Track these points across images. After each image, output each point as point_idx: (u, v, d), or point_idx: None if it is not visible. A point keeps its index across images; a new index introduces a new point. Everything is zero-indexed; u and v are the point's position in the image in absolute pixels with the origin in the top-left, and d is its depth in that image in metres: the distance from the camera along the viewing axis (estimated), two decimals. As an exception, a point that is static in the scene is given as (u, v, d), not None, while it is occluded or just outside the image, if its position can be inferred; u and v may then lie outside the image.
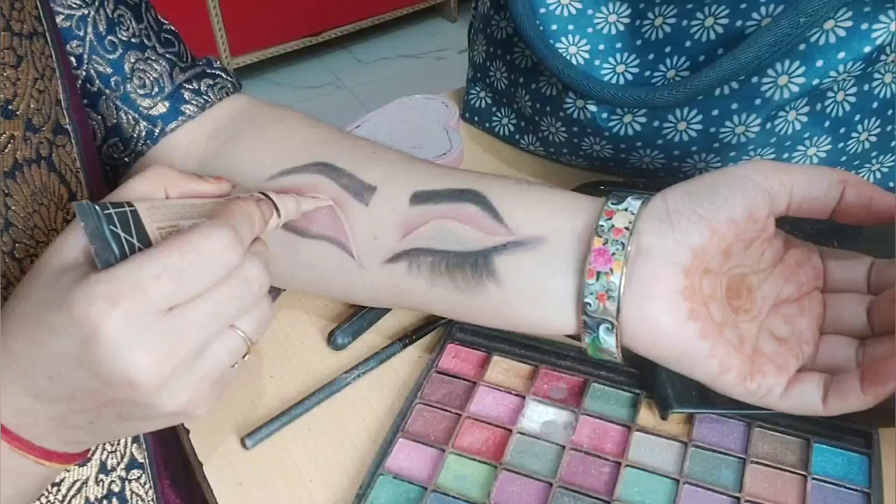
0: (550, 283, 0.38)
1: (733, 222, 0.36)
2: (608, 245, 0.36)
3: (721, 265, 0.37)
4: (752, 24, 0.47)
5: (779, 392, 0.37)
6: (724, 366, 0.36)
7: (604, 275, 0.36)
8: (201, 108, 0.48)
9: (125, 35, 0.45)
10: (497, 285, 0.39)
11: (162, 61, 0.47)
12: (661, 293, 0.36)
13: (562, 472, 0.41)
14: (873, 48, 0.45)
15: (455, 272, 0.40)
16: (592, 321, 0.37)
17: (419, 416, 0.45)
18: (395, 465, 0.42)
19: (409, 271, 0.41)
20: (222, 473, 0.43)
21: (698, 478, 0.40)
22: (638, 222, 0.37)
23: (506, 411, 0.45)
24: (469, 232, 0.40)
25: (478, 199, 0.40)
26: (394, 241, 0.41)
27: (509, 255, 0.39)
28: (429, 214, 0.41)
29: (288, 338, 0.51)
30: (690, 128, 0.50)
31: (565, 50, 0.53)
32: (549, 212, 0.39)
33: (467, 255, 0.39)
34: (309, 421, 0.46)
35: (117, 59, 0.45)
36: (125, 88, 0.45)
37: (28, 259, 0.38)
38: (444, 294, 0.40)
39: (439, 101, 0.68)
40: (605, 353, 0.38)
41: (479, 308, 0.40)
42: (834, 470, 0.40)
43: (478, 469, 0.42)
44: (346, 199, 0.42)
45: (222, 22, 2.20)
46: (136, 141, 0.46)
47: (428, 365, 0.47)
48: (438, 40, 2.57)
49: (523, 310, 0.39)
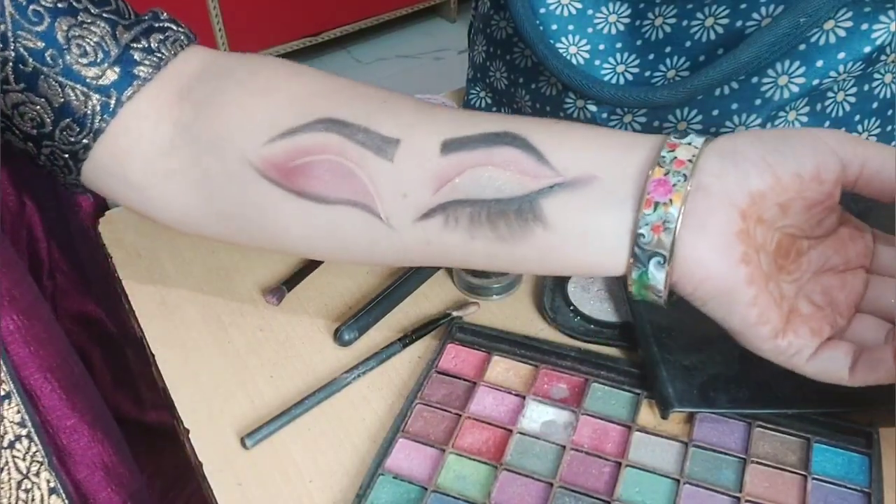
0: (603, 220, 0.36)
1: (798, 177, 0.35)
2: (669, 176, 0.35)
3: (776, 219, 0.36)
4: (753, 24, 0.47)
5: (807, 354, 0.37)
6: (763, 317, 0.36)
7: (662, 205, 0.34)
8: (156, 66, 0.42)
9: (50, 1, 0.40)
10: (545, 229, 0.36)
11: (100, 22, 0.41)
12: (717, 231, 0.35)
13: (562, 472, 0.41)
14: (873, 48, 0.45)
15: (497, 221, 0.37)
16: (644, 254, 0.35)
17: (419, 417, 0.45)
18: (396, 466, 0.42)
19: (445, 226, 0.38)
20: (222, 473, 0.43)
21: (699, 478, 0.40)
22: (700, 158, 0.35)
23: (506, 411, 0.45)
24: (511, 177, 0.37)
25: (517, 142, 0.37)
26: (426, 197, 0.38)
27: (557, 197, 0.36)
28: (463, 163, 0.37)
29: (288, 338, 0.51)
30: (690, 128, 0.50)
31: (565, 50, 0.53)
32: (599, 149, 0.37)
33: (510, 201, 0.36)
34: (309, 421, 0.46)
35: (47, 31, 0.40)
36: (65, 61, 0.40)
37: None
38: (484, 245, 0.38)
39: (440, 101, 0.68)
40: (651, 292, 0.36)
41: (522, 256, 0.38)
42: (834, 470, 0.40)
43: (478, 469, 0.42)
44: (366, 157, 0.38)
45: (222, 22, 2.20)
46: (90, 118, 0.41)
47: (428, 365, 0.47)
48: (437, 41, 2.57)
49: (572, 252, 0.37)
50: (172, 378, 0.49)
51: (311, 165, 0.39)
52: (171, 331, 0.52)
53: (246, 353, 0.50)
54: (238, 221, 0.42)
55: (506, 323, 0.50)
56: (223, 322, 0.52)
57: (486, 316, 0.51)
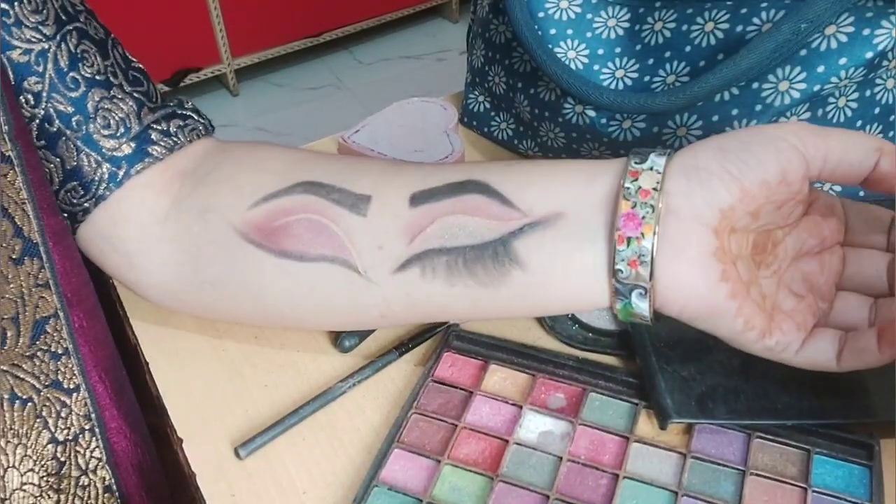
0: (578, 257, 0.36)
1: (765, 184, 0.35)
2: (637, 209, 0.35)
3: (748, 224, 0.37)
4: (753, 29, 0.46)
5: (795, 349, 0.37)
6: (749, 324, 0.36)
7: (635, 240, 0.35)
8: (170, 149, 0.45)
9: (89, 72, 0.43)
10: (522, 270, 0.37)
11: (129, 100, 0.44)
12: (693, 255, 0.35)
13: (559, 484, 0.40)
14: (875, 54, 0.44)
15: (475, 267, 0.38)
16: (625, 288, 0.36)
17: (415, 426, 0.44)
18: (391, 477, 0.42)
19: (423, 277, 0.39)
20: (215, 484, 0.43)
21: (697, 490, 0.40)
22: (665, 181, 0.35)
23: (503, 421, 0.44)
24: (480, 223, 0.38)
25: (481, 188, 0.38)
26: (401, 248, 0.39)
27: (529, 237, 0.37)
28: (433, 213, 0.39)
29: (283, 346, 0.51)
30: (690, 133, 0.50)
31: (564, 55, 0.52)
32: (560, 185, 0.38)
33: (484, 246, 0.37)
34: (303, 431, 0.45)
35: (80, 98, 0.42)
36: (87, 129, 0.42)
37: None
38: (465, 292, 0.38)
39: (438, 105, 0.68)
40: (637, 318, 0.37)
41: (505, 299, 0.38)
42: (835, 482, 0.40)
43: (474, 481, 0.41)
44: (340, 214, 0.40)
45: (223, 23, 2.20)
46: (97, 184, 0.43)
47: (424, 374, 0.47)
48: (439, 41, 2.57)
49: (553, 290, 0.37)
50: (166, 386, 0.49)
51: (290, 224, 0.41)
52: (165, 338, 0.52)
53: (241, 361, 0.50)
54: (224, 288, 0.44)
55: (503, 331, 0.50)
56: (218, 329, 0.52)
57: (483, 324, 0.51)
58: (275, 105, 2.33)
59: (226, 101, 2.34)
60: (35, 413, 0.39)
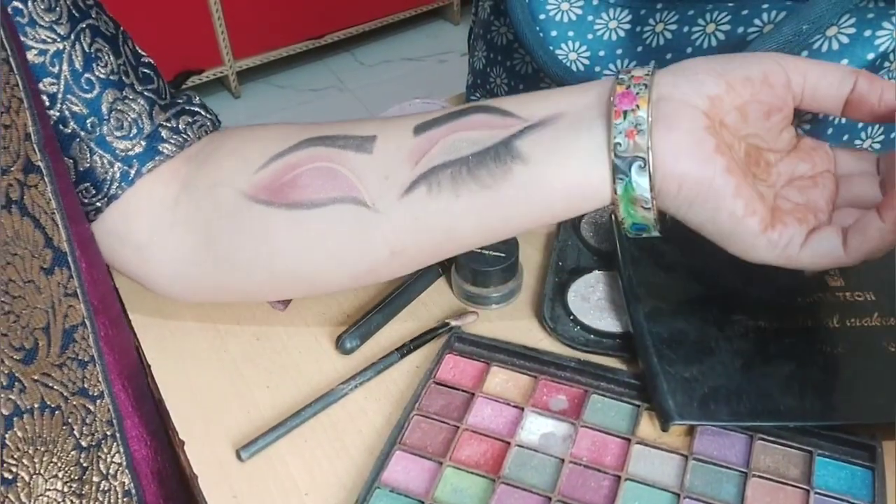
0: (577, 143, 0.38)
1: (748, 80, 0.37)
2: (631, 88, 0.37)
3: (738, 124, 0.38)
4: (754, 30, 0.46)
5: (799, 242, 0.38)
6: (749, 207, 0.37)
7: (631, 112, 0.36)
8: (180, 146, 0.46)
9: (103, 72, 0.43)
10: (524, 164, 0.38)
11: (140, 100, 0.44)
12: (686, 128, 0.36)
13: (560, 485, 0.40)
14: (876, 55, 0.44)
15: (478, 171, 0.39)
16: (624, 163, 0.37)
17: (417, 428, 0.44)
18: (392, 479, 0.42)
19: (429, 194, 0.39)
20: (217, 486, 0.43)
21: (699, 492, 0.40)
22: (654, 76, 0.38)
23: (504, 423, 0.44)
24: (483, 133, 0.39)
25: (482, 108, 0.40)
26: (406, 172, 0.40)
27: (530, 136, 0.38)
28: (436, 137, 0.40)
29: (285, 347, 0.51)
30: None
31: (565, 56, 0.52)
32: (558, 95, 0.40)
33: (486, 151, 0.39)
34: (305, 432, 0.45)
35: (94, 99, 0.42)
36: (101, 131, 0.43)
37: (5, 317, 0.36)
38: (471, 201, 0.39)
39: (439, 106, 0.68)
40: (640, 207, 0.38)
41: (510, 200, 0.39)
42: (837, 484, 0.40)
43: (475, 482, 0.41)
44: (347, 156, 0.41)
45: (225, 25, 2.20)
46: (109, 184, 0.44)
47: (426, 375, 0.47)
48: (441, 43, 2.57)
49: (555, 180, 0.38)
50: (168, 387, 0.49)
51: (297, 177, 0.41)
52: (166, 339, 0.52)
53: (242, 362, 0.50)
54: (236, 259, 0.44)
55: (505, 332, 0.50)
56: (219, 330, 0.52)
57: (484, 325, 0.51)
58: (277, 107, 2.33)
59: (228, 102, 2.34)
60: (62, 420, 0.39)
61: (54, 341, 0.39)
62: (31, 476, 0.37)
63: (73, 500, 0.39)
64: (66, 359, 0.39)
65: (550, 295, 0.51)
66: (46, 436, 0.38)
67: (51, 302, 0.38)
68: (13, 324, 0.36)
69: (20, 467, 0.37)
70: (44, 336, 0.38)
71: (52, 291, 0.39)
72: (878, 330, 0.44)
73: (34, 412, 0.37)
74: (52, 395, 0.38)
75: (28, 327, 0.37)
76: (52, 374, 0.38)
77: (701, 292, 0.49)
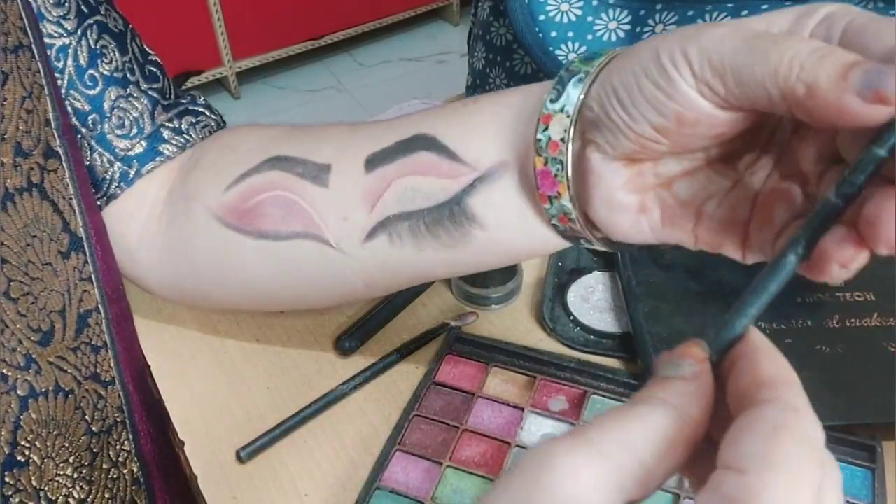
0: (528, 209, 0.36)
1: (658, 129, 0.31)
2: (549, 165, 0.34)
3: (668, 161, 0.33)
4: (754, 31, 0.46)
5: None
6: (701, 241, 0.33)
7: (555, 198, 0.34)
8: (181, 147, 0.45)
9: (107, 69, 0.42)
10: (482, 229, 0.37)
11: (144, 98, 0.44)
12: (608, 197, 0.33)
13: (560, 486, 0.40)
14: (876, 55, 0.44)
15: (437, 230, 0.38)
16: (570, 239, 0.36)
17: (416, 429, 0.44)
18: (392, 480, 0.42)
19: (391, 244, 0.39)
20: (217, 487, 0.43)
21: (699, 492, 0.40)
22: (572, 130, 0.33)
23: (504, 424, 0.44)
24: (434, 183, 0.37)
25: (428, 144, 0.38)
26: (364, 217, 0.39)
27: (480, 193, 0.37)
28: (388, 176, 0.38)
29: (285, 349, 0.51)
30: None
31: (565, 57, 0.52)
32: (498, 130, 0.36)
33: (440, 207, 0.37)
34: (305, 433, 0.45)
35: (97, 96, 0.42)
36: (102, 128, 0.42)
37: (24, 298, 0.36)
38: (435, 256, 0.38)
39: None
40: None
41: (475, 257, 0.38)
42: (837, 484, 0.40)
43: (475, 483, 0.41)
44: (304, 187, 0.40)
45: (224, 26, 2.20)
46: (108, 183, 0.44)
47: (426, 376, 0.47)
48: (440, 44, 2.57)
49: (516, 242, 0.37)
50: (168, 388, 0.49)
51: (261, 204, 0.41)
52: (166, 340, 0.52)
53: (242, 363, 0.50)
54: (215, 277, 0.44)
55: (504, 333, 0.50)
56: (219, 332, 0.52)
57: (484, 326, 0.51)
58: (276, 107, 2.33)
59: (227, 103, 2.34)
60: (75, 404, 0.39)
61: (69, 324, 0.39)
62: (42, 460, 0.38)
63: (82, 486, 0.40)
64: (81, 343, 0.40)
65: (550, 295, 0.51)
66: (59, 419, 0.38)
67: (67, 285, 0.39)
68: (31, 305, 0.37)
69: (32, 450, 0.37)
70: (59, 319, 0.38)
71: (69, 275, 0.39)
72: (878, 330, 0.44)
73: (48, 395, 0.38)
74: (66, 378, 0.39)
75: (45, 309, 0.38)
76: (66, 358, 0.39)
77: (701, 292, 0.49)
